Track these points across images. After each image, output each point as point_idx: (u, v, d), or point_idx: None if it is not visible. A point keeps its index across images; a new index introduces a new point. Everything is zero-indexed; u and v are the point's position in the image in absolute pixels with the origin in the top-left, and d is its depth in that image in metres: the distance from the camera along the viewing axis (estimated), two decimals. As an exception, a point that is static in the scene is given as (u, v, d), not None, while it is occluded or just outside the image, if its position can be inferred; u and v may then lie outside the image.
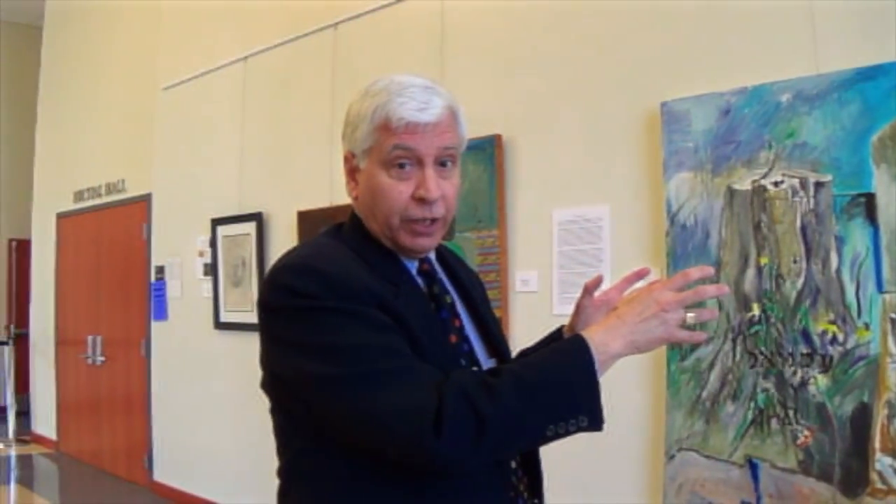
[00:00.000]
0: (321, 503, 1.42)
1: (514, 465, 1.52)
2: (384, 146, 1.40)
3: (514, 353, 1.68)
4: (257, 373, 1.51)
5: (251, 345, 4.79)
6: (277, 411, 1.49)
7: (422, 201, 1.42)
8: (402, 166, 1.41)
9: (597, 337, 1.33)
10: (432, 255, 1.59)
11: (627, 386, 3.31)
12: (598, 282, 1.66)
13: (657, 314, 1.34)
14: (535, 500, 1.57)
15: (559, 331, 1.73)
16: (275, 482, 1.56)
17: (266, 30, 5.27)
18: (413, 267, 1.53)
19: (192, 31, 6.01)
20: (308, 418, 1.38)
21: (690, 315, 1.37)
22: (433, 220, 1.45)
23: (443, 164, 1.45)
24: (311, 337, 1.32)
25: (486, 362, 1.55)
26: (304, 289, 1.33)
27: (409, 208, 1.42)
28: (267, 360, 1.46)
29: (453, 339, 1.50)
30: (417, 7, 4.32)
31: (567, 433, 1.29)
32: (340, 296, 1.32)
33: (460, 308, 1.59)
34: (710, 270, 1.43)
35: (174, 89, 6.07)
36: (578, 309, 1.68)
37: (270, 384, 1.47)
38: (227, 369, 5.49)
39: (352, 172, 1.50)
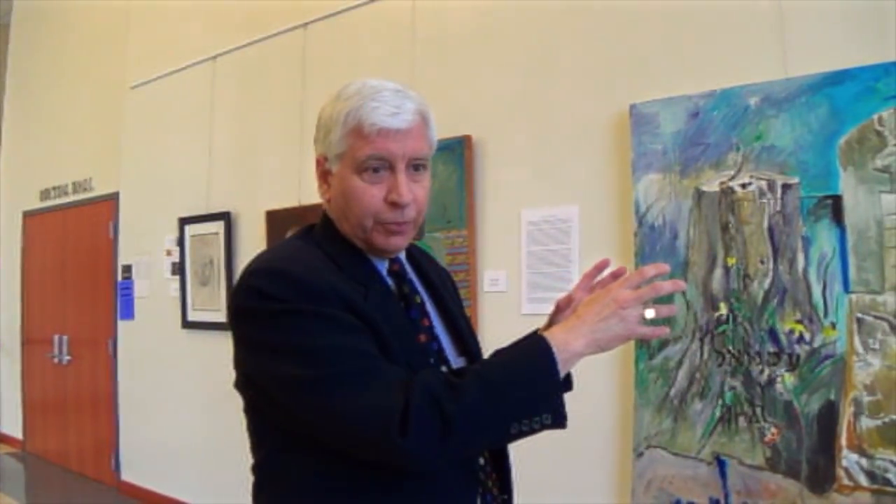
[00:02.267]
0: (294, 500, 1.42)
1: (482, 461, 1.53)
2: (357, 152, 1.40)
3: (486, 354, 1.63)
4: (225, 372, 1.45)
5: (218, 344, 4.74)
6: (250, 410, 1.49)
7: (394, 205, 1.42)
8: (374, 170, 1.41)
9: (558, 336, 1.34)
10: (402, 256, 1.59)
11: (596, 384, 3.27)
12: (568, 301, 1.65)
13: (616, 312, 1.34)
14: (505, 497, 1.58)
15: (534, 333, 1.65)
16: (243, 481, 1.51)
17: (235, 29, 5.16)
18: (383, 268, 1.53)
19: (161, 30, 5.88)
20: (280, 418, 1.38)
21: (649, 311, 1.37)
22: (405, 222, 1.46)
23: (414, 169, 1.45)
24: (281, 339, 1.31)
25: (456, 361, 1.55)
26: (273, 292, 1.32)
27: (382, 211, 1.42)
28: (239, 362, 1.45)
29: (422, 338, 1.50)
30: (388, 7, 4.25)
31: (532, 431, 1.29)
32: (309, 297, 1.32)
33: (430, 307, 1.59)
34: (667, 268, 1.44)
35: (142, 88, 5.93)
36: (557, 309, 1.67)
37: (243, 384, 1.47)
38: (195, 369, 5.39)
39: (324, 175, 1.50)
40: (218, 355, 5.17)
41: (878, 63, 2.63)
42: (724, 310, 2.98)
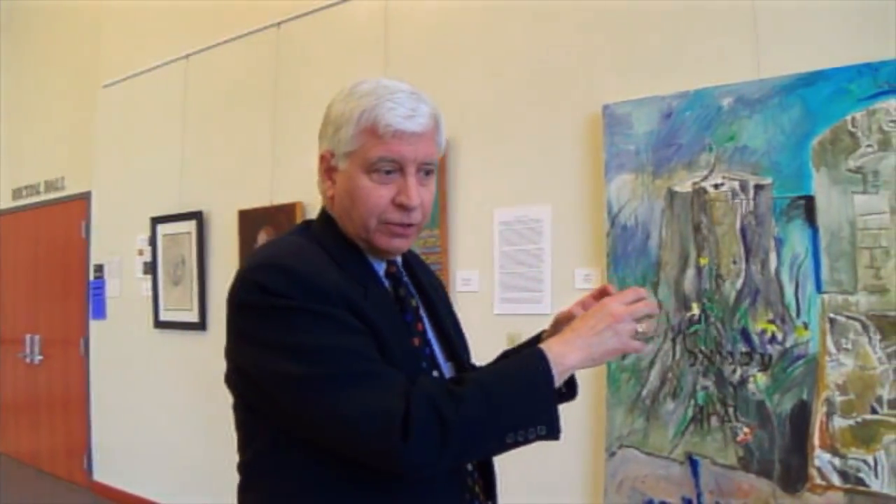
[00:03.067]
0: (282, 499, 1.38)
1: (470, 467, 1.50)
2: (369, 152, 1.37)
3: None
4: (196, 371, 1.36)
5: (190, 344, 4.60)
6: (241, 407, 1.44)
7: (401, 207, 1.39)
8: (386, 172, 1.38)
9: (554, 349, 1.33)
10: (398, 259, 1.55)
11: (569, 384, 3.17)
12: (567, 317, 1.58)
13: (610, 325, 1.34)
14: (490, 503, 1.56)
15: (538, 336, 1.66)
16: (215, 481, 1.40)
17: (209, 28, 5.03)
18: (380, 269, 1.49)
19: (134, 29, 5.72)
20: (274, 415, 1.34)
21: (641, 327, 1.38)
22: (409, 224, 1.42)
23: (424, 173, 1.42)
24: (283, 336, 1.28)
25: (444, 365, 1.53)
26: (276, 288, 1.28)
27: (388, 212, 1.39)
28: (234, 356, 1.40)
29: (416, 342, 1.47)
30: (361, 7, 4.15)
31: (527, 441, 1.28)
32: (312, 296, 1.28)
33: (422, 311, 1.56)
34: (644, 292, 1.43)
35: (115, 86, 5.77)
36: (556, 324, 1.61)
37: (236, 380, 1.42)
38: (167, 368, 5.26)
39: (328, 171, 1.45)
40: (190, 355, 5.10)
41: (852, 64, 2.57)
42: (696, 310, 2.91)
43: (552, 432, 1.29)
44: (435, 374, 1.46)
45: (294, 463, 1.35)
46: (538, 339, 1.64)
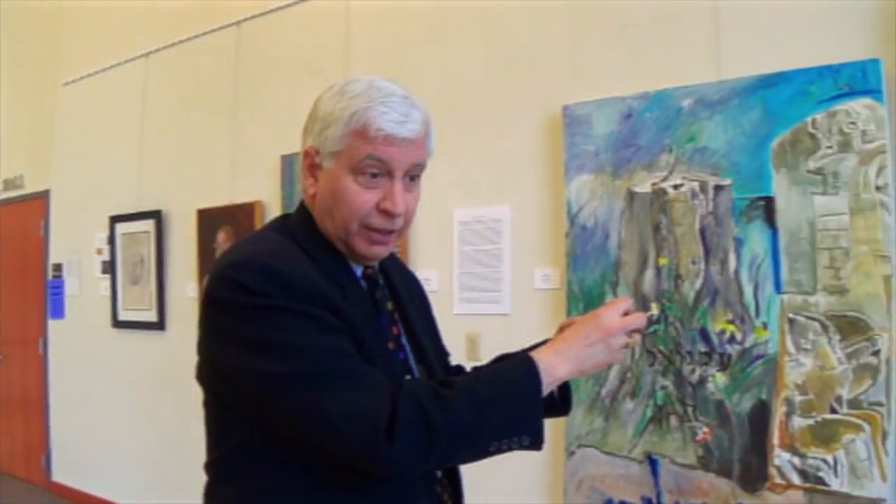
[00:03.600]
0: (253, 499, 1.31)
1: (439, 474, 1.45)
2: (357, 153, 1.30)
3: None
4: (155, 371, 1.27)
5: (149, 343, 4.38)
6: (213, 404, 1.37)
7: (386, 213, 1.31)
8: (372, 175, 1.30)
9: (545, 360, 1.28)
10: (374, 264, 1.47)
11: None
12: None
13: (604, 338, 1.31)
14: (453, 487, 1.49)
15: (524, 353, 1.52)
16: (174, 481, 1.26)
17: (169, 27, 4.83)
18: (358, 271, 1.42)
19: (95, 27, 5.50)
20: (253, 414, 1.27)
21: (630, 340, 1.35)
22: (390, 231, 1.35)
23: (410, 178, 1.35)
24: (264, 334, 1.21)
25: (415, 370, 1.47)
26: (256, 286, 1.22)
27: (371, 216, 1.32)
28: (210, 353, 1.32)
29: (391, 345, 1.43)
30: (322, 7, 4.00)
31: (509, 450, 1.23)
32: (292, 295, 1.22)
33: (397, 315, 1.50)
34: (630, 302, 1.41)
35: (75, 84, 5.55)
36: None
37: (208, 376, 1.34)
38: (125, 368, 5.06)
39: (312, 168, 1.37)
40: (148, 355, 4.91)
41: (813, 66, 2.49)
42: (655, 310, 2.79)
43: (535, 443, 1.24)
44: (408, 378, 1.42)
45: (266, 463, 1.28)
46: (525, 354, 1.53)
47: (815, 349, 2.46)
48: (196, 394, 1.37)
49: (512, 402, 1.23)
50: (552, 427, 3.03)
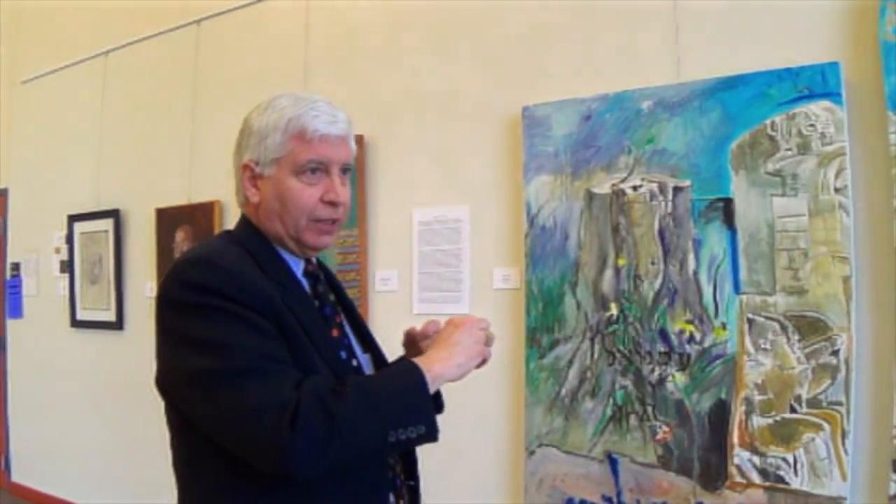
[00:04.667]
0: (211, 498, 1.33)
1: (391, 474, 1.47)
2: (298, 156, 1.38)
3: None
4: (113, 371, 1.18)
5: (108, 343, 4.12)
6: (169, 405, 1.38)
7: (330, 204, 1.42)
8: (312, 172, 1.40)
9: (422, 361, 1.34)
10: (314, 259, 1.54)
11: (488, 383, 2.95)
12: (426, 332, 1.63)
13: (462, 332, 1.41)
14: (412, 482, 1.53)
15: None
16: (135, 481, 1.12)
17: (128, 25, 4.57)
18: (299, 269, 1.48)
19: (53, 25, 5.21)
20: (186, 411, 1.31)
21: (489, 332, 1.46)
22: (334, 221, 1.44)
23: (343, 172, 1.45)
24: (195, 330, 1.25)
25: (362, 356, 1.52)
26: (201, 280, 1.27)
27: (317, 209, 1.41)
28: (158, 352, 1.35)
29: (335, 333, 1.48)
30: (282, 7, 3.80)
31: (409, 440, 1.27)
32: (235, 292, 1.26)
33: (339, 306, 1.57)
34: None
35: (33, 83, 5.24)
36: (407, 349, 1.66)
37: (161, 377, 1.35)
38: (84, 368, 4.79)
39: (253, 180, 1.43)
40: (107, 354, 4.65)
41: (772, 69, 2.38)
42: (614, 310, 2.69)
43: (431, 432, 1.28)
44: (354, 362, 1.45)
45: (222, 462, 1.26)
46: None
47: (775, 349, 2.35)
48: (155, 392, 1.36)
49: (402, 395, 1.28)
50: (512, 426, 2.92)
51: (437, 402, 1.52)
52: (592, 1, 2.84)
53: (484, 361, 1.46)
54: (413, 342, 1.61)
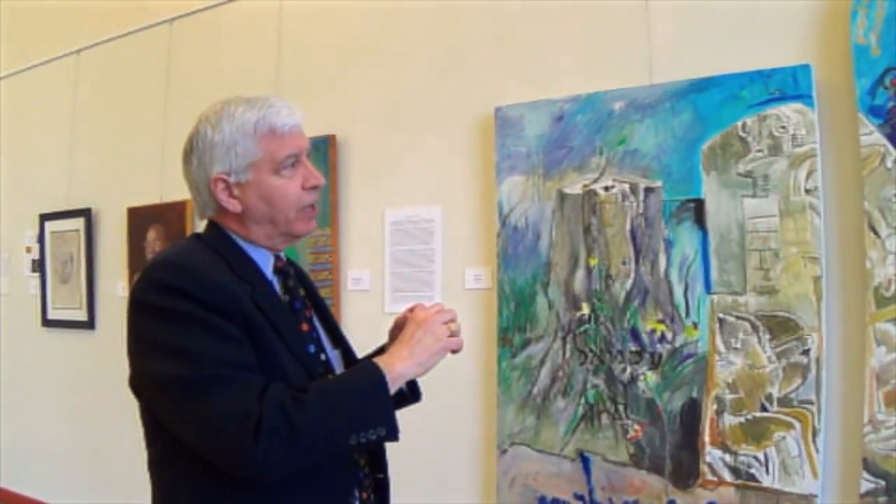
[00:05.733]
0: (185, 497, 1.31)
1: (361, 475, 1.46)
2: (276, 153, 1.36)
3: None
4: (84, 370, 1.11)
5: (79, 343, 3.92)
6: (142, 406, 1.36)
7: (313, 188, 1.42)
8: (291, 165, 1.39)
9: (383, 360, 1.33)
10: (283, 255, 1.51)
11: (459, 382, 2.86)
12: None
13: (424, 330, 1.37)
14: (380, 475, 1.49)
15: (383, 348, 1.60)
16: (106, 481, 1.02)
17: (100, 24, 4.37)
18: (268, 267, 1.44)
19: (24, 24, 4.98)
20: (156, 413, 1.31)
21: (452, 326, 1.40)
22: (314, 204, 1.45)
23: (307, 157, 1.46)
24: (165, 336, 1.23)
25: (332, 352, 1.50)
26: (170, 282, 1.25)
27: (303, 197, 1.41)
28: (129, 354, 1.32)
29: (304, 327, 1.45)
30: (255, 6, 3.65)
31: (370, 442, 1.26)
32: (204, 295, 1.24)
33: (308, 301, 1.54)
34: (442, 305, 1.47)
35: (4, 81, 5.01)
36: (393, 338, 1.58)
37: (133, 378, 1.34)
38: (55, 367, 4.59)
39: (228, 190, 1.38)
40: (79, 354, 4.45)
41: (744, 71, 2.30)
42: (586, 309, 2.59)
43: (391, 433, 1.27)
44: (322, 357, 1.44)
45: (192, 461, 1.24)
46: (382, 349, 1.58)
47: (745, 348, 2.28)
48: (126, 392, 1.33)
49: (362, 398, 1.26)
50: (485, 425, 2.81)
51: (414, 392, 1.58)
52: (565, 2, 2.74)
53: (456, 351, 1.41)
54: (400, 328, 1.55)
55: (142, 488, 1.36)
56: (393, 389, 1.30)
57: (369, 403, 1.27)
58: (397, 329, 1.54)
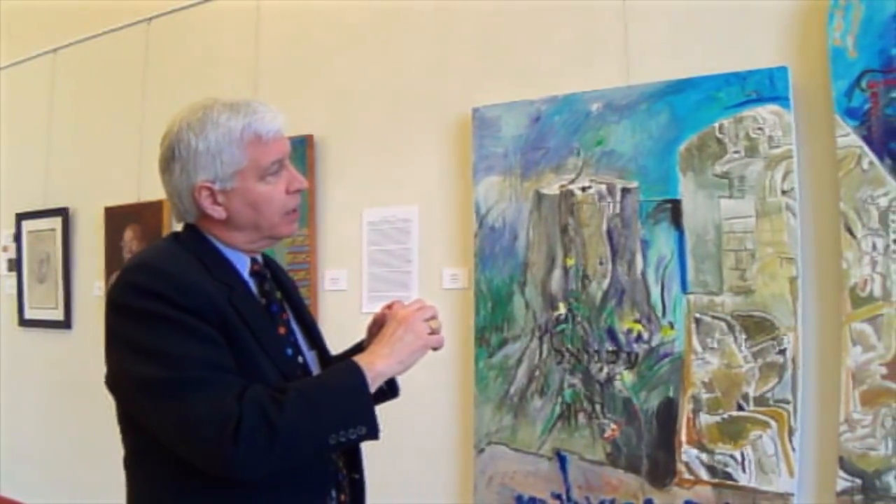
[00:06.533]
0: (160, 494, 1.27)
1: (340, 476, 1.42)
2: (262, 160, 1.32)
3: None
4: (61, 370, 1.02)
5: (56, 343, 3.76)
6: (118, 406, 1.33)
7: (297, 192, 1.39)
8: (276, 171, 1.35)
9: (364, 359, 1.30)
10: (259, 257, 1.46)
11: (437, 382, 2.77)
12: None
13: (405, 328, 1.33)
14: (356, 475, 1.46)
15: (360, 345, 1.58)
16: (82, 480, 0.94)
17: (77, 22, 4.21)
18: (245, 269, 1.40)
19: (1, 23, 4.78)
20: (134, 413, 1.27)
21: (433, 324, 1.37)
22: (296, 208, 1.41)
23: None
24: (143, 338, 1.19)
25: (308, 353, 1.45)
26: (149, 286, 1.21)
27: (288, 202, 1.38)
28: (107, 355, 1.29)
29: (282, 330, 1.40)
30: (233, 6, 3.53)
31: (350, 441, 1.23)
32: (182, 297, 1.20)
33: (286, 304, 1.49)
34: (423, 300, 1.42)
35: (-21, 81, 4.82)
36: (371, 334, 1.54)
37: (109, 379, 1.30)
38: (33, 367, 4.42)
39: (213, 197, 1.33)
40: (56, 354, 4.28)
41: (721, 73, 2.24)
42: (562, 309, 2.51)
43: (371, 432, 1.24)
44: (300, 359, 1.40)
45: (167, 460, 1.21)
46: (360, 345, 1.57)
47: (722, 348, 2.21)
48: (103, 391, 1.29)
49: (342, 397, 1.23)
50: (462, 425, 2.72)
51: (392, 388, 1.54)
52: (543, 3, 2.66)
53: (437, 348, 1.38)
54: (379, 325, 1.52)
55: (119, 487, 1.32)
56: (373, 388, 1.27)
57: (349, 402, 1.23)
58: (375, 326, 1.51)
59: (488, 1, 2.78)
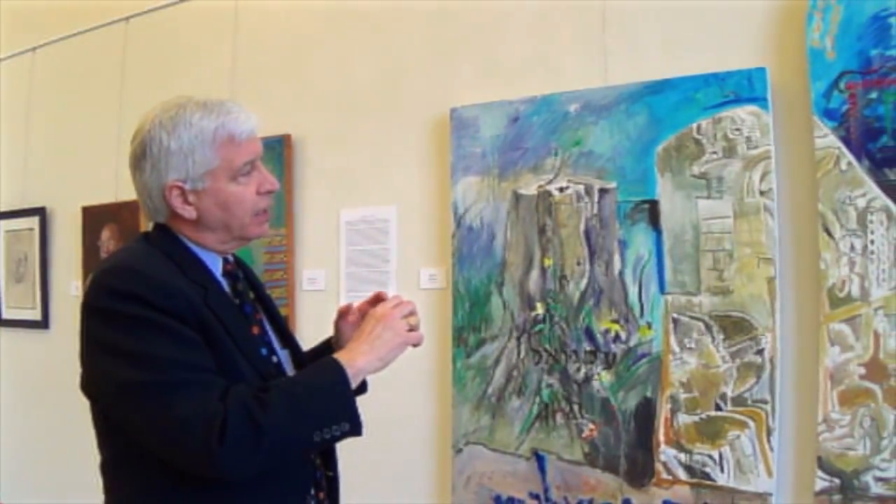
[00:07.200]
0: (139, 498, 1.23)
1: (318, 474, 1.40)
2: (234, 160, 1.28)
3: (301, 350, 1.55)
4: (38, 370, 0.96)
5: (34, 343, 3.59)
6: (95, 410, 1.29)
7: (268, 193, 1.35)
8: (248, 172, 1.31)
9: (344, 357, 1.27)
10: (231, 257, 1.42)
11: (415, 382, 2.69)
12: (348, 308, 1.56)
13: (383, 325, 1.31)
14: (330, 473, 1.43)
15: (328, 341, 1.59)
16: (60, 480, 0.93)
17: (56, 21, 4.05)
18: (218, 269, 1.36)
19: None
20: (115, 417, 1.23)
21: (411, 321, 1.35)
22: (266, 209, 1.37)
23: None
24: (123, 342, 1.15)
25: (281, 352, 1.42)
26: (125, 288, 1.17)
27: (259, 202, 1.34)
28: (84, 359, 1.24)
29: (255, 330, 1.37)
30: (211, 6, 3.40)
31: (334, 438, 1.21)
32: (159, 299, 1.16)
33: (258, 304, 1.46)
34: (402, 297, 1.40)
35: (-43, 81, 4.64)
36: (337, 328, 1.56)
37: (86, 382, 1.26)
38: (10, 368, 4.25)
39: (183, 197, 1.29)
40: (33, 354, 4.12)
41: (699, 74, 2.17)
42: (540, 309, 2.43)
43: (355, 429, 1.22)
44: (274, 359, 1.37)
45: (147, 465, 1.18)
46: (328, 342, 1.58)
47: (699, 348, 2.14)
48: (80, 392, 1.25)
49: (324, 395, 1.21)
50: (440, 424, 2.62)
51: (361, 384, 1.47)
52: (521, 3, 2.57)
53: (416, 344, 1.36)
54: (343, 316, 1.55)
55: (96, 490, 1.28)
56: (354, 384, 1.25)
57: (332, 399, 1.21)
58: (341, 320, 1.53)
59: (466, 1, 2.69)
